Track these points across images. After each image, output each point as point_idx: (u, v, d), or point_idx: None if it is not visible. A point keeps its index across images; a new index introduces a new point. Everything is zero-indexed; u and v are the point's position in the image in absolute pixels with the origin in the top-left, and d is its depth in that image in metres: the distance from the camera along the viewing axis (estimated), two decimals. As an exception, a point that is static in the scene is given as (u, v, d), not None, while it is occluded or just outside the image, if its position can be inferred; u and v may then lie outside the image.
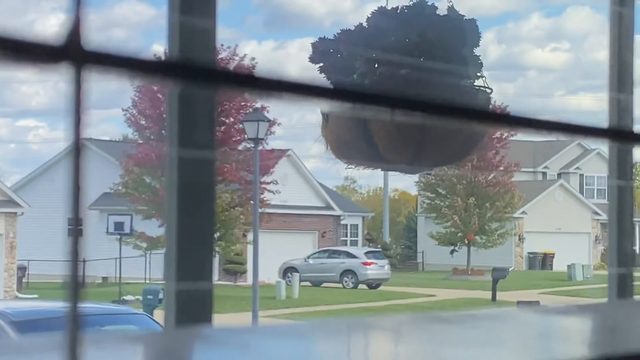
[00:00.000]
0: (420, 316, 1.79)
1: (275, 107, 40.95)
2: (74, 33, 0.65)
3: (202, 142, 2.47)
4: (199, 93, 2.38)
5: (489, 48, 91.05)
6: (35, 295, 23.06)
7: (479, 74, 4.69)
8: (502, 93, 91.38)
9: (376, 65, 4.59)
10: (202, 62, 2.46)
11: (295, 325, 1.75)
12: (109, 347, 1.36)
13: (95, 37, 0.67)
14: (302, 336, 1.65)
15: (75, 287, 0.69)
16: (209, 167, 2.51)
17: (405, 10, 4.69)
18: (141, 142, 37.77)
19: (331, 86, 0.81)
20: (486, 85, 4.70)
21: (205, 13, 2.44)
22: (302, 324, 1.95)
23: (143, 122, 37.74)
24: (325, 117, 4.43)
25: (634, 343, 1.65)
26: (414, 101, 0.84)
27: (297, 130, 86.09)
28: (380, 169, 4.79)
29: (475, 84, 4.71)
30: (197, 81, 0.79)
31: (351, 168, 4.65)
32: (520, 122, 0.96)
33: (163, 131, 37.35)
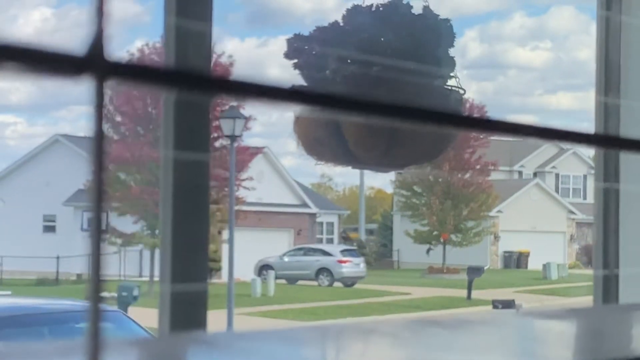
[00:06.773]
0: (416, 321, 1.78)
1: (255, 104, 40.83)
2: (97, 44, 0.64)
3: (197, 144, 2.46)
4: (194, 97, 2.36)
5: (471, 46, 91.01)
6: (9, 292, 22.94)
7: (452, 74, 4.68)
8: (482, 92, 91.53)
9: (349, 62, 4.58)
10: (201, 69, 2.46)
11: (293, 330, 1.74)
12: (119, 351, 1.34)
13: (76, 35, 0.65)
14: (301, 341, 1.64)
15: (96, 289, 0.68)
16: (203, 169, 2.50)
17: (380, 9, 4.69)
18: (116, 138, 37.61)
19: (302, 89, 0.78)
20: (459, 86, 4.69)
21: (201, 16, 2.43)
22: (301, 329, 1.95)
23: (118, 119, 37.61)
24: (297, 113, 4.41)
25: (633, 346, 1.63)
26: (390, 106, 0.81)
27: (276, 128, 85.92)
28: (351, 167, 4.76)
29: (448, 84, 4.69)
30: (217, 92, 0.78)
31: (321, 164, 4.63)
32: (500, 127, 0.94)
33: (139, 128, 37.22)
